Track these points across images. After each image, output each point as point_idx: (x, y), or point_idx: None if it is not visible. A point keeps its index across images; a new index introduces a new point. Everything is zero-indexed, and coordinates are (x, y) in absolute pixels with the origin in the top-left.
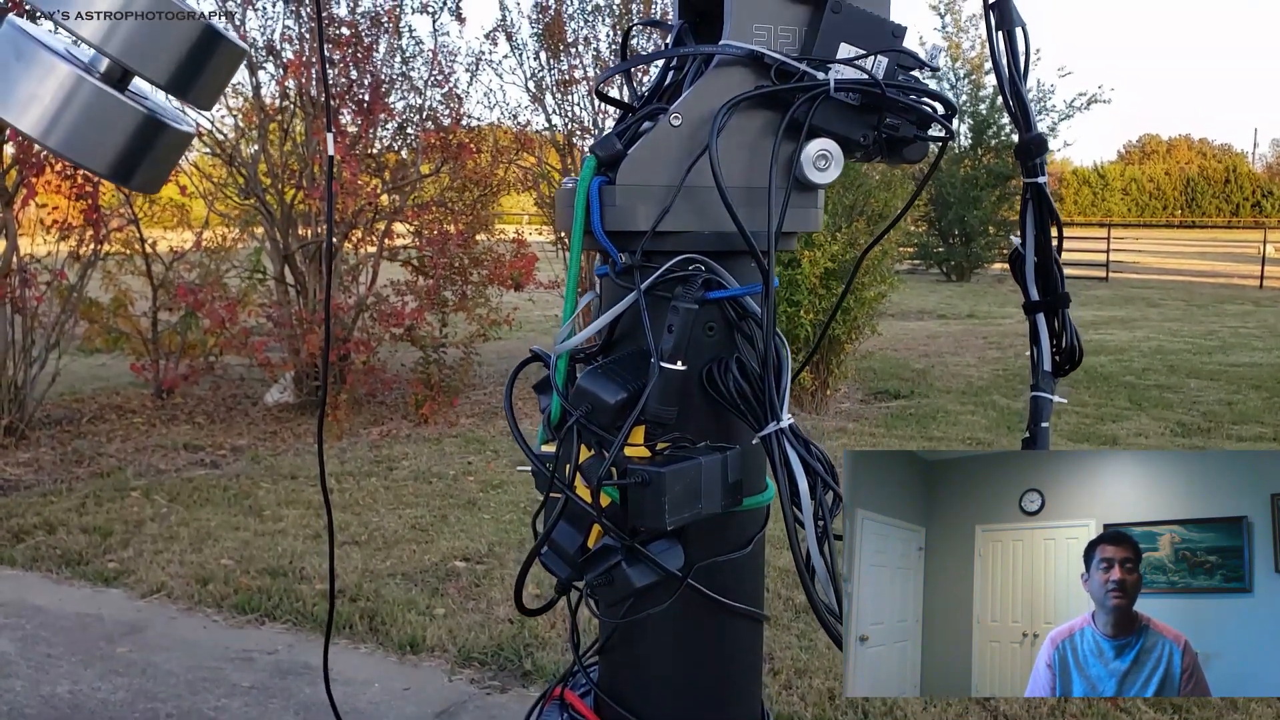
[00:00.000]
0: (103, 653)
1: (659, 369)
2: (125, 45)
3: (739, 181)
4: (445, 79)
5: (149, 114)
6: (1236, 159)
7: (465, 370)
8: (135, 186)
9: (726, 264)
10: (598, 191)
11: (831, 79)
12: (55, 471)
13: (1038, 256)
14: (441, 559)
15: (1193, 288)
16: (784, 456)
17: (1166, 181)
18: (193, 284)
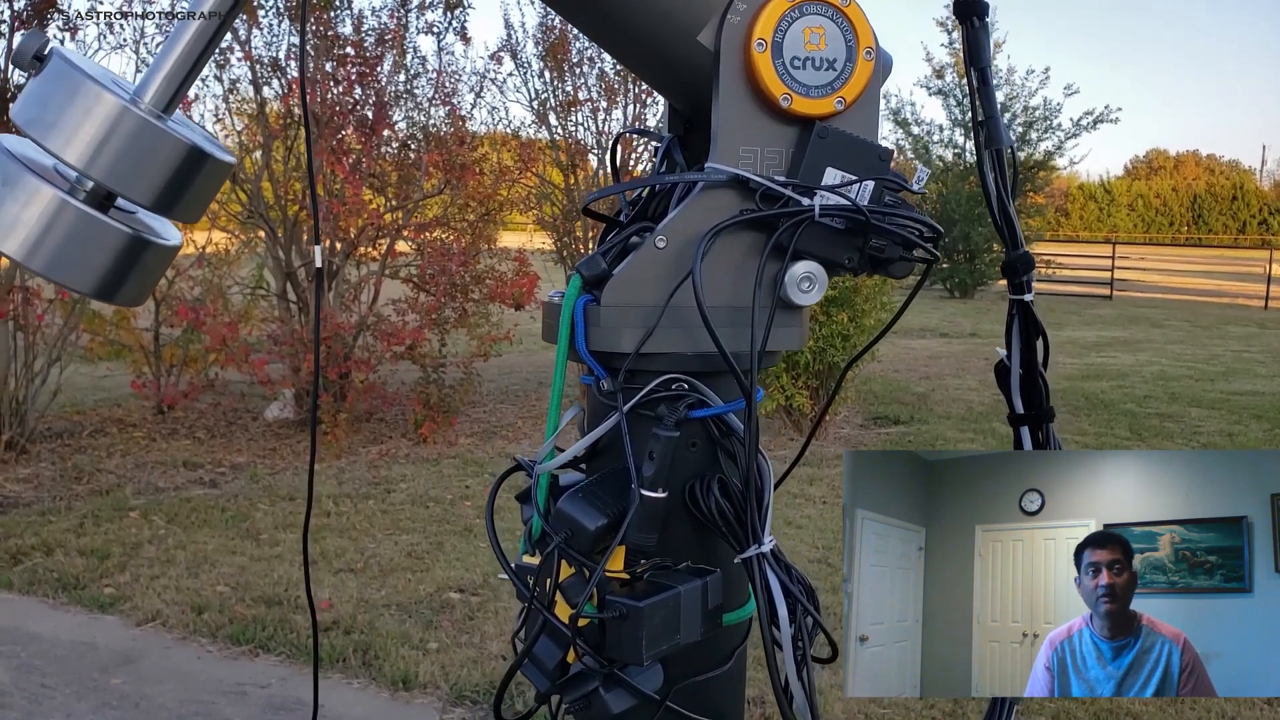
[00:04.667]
0: (96, 684)
1: (640, 497)
2: (108, 170)
3: (724, 301)
4: (448, 98)
5: (134, 234)
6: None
7: (466, 390)
8: (120, 302)
9: (711, 381)
10: (583, 311)
11: (816, 204)
12: (55, 488)
13: (1023, 370)
14: (436, 589)
15: (1197, 307)
16: (764, 580)
17: (1173, 198)
18: (194, 302)
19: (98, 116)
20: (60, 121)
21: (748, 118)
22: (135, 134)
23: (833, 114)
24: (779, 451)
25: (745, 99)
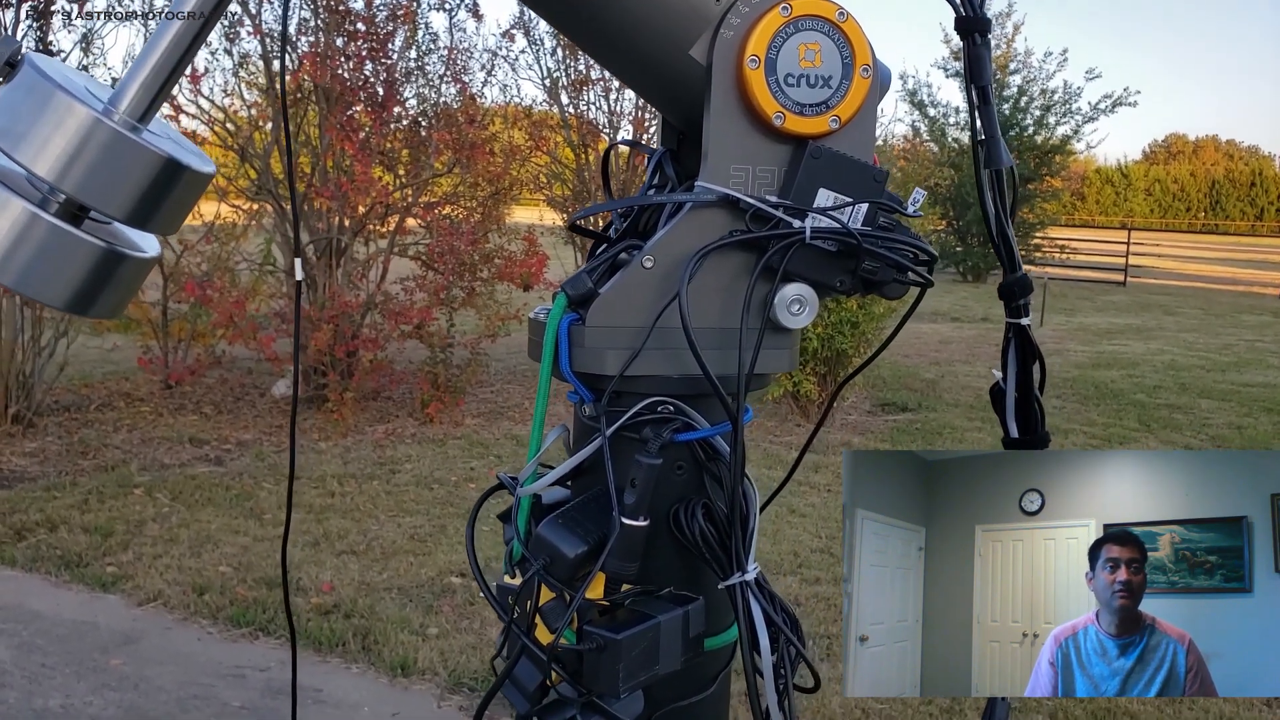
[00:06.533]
0: (96, 664)
1: (620, 525)
2: (80, 183)
3: (713, 322)
4: (459, 76)
5: (107, 247)
6: (1263, 162)
7: (473, 371)
8: (94, 315)
9: (699, 403)
10: (567, 331)
11: (808, 226)
12: (60, 463)
13: (1019, 393)
14: (438, 573)
15: (1211, 295)
16: (747, 609)
17: (1191, 183)
18: (201, 278)
19: (69, 129)
20: (30, 133)
21: (740, 136)
22: (108, 146)
23: (827, 133)
24: (785, 438)
25: (737, 116)
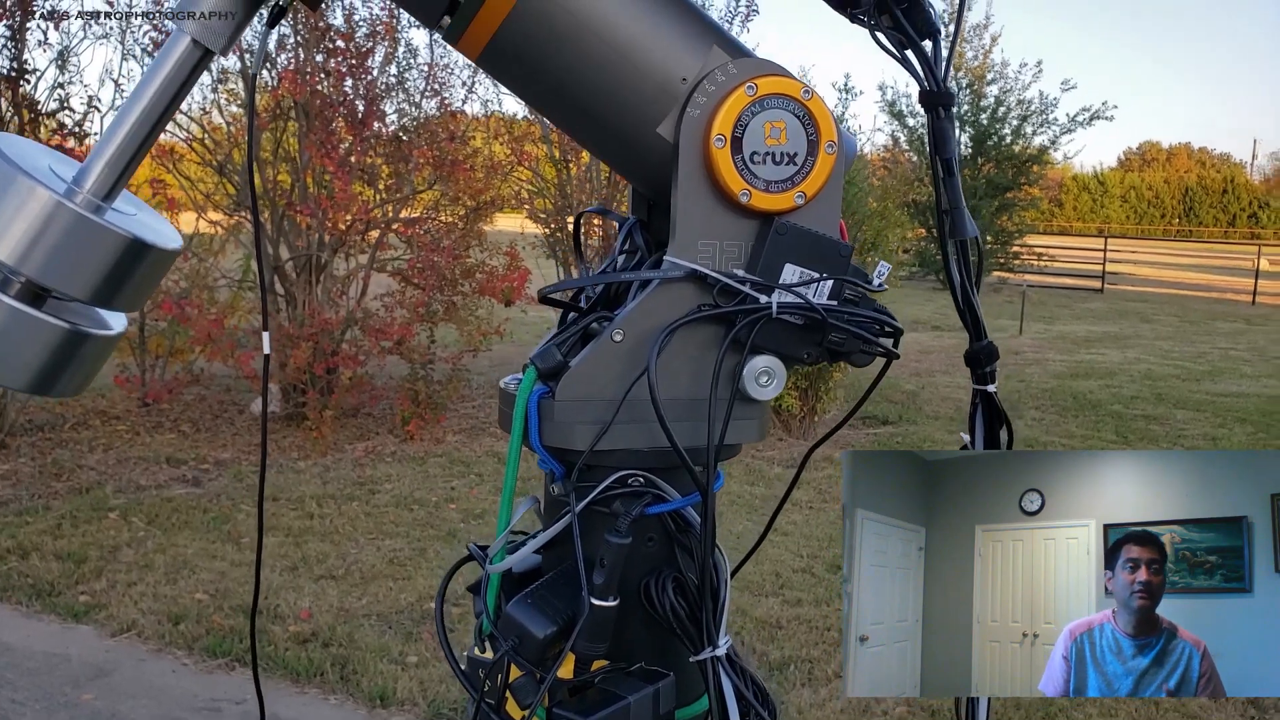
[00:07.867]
0: (68, 699)
1: (590, 606)
2: (41, 267)
3: (683, 394)
4: (438, 92)
5: (70, 328)
6: (1235, 169)
7: (455, 386)
8: (57, 395)
9: (670, 475)
10: (536, 405)
11: (774, 302)
12: (34, 485)
13: None
14: (418, 599)
15: (1187, 302)
16: (718, 684)
17: (1165, 190)
18: (179, 295)
19: (30, 212)
20: None
21: (706, 211)
22: (69, 230)
23: (793, 209)
24: (767, 453)
25: (704, 193)
